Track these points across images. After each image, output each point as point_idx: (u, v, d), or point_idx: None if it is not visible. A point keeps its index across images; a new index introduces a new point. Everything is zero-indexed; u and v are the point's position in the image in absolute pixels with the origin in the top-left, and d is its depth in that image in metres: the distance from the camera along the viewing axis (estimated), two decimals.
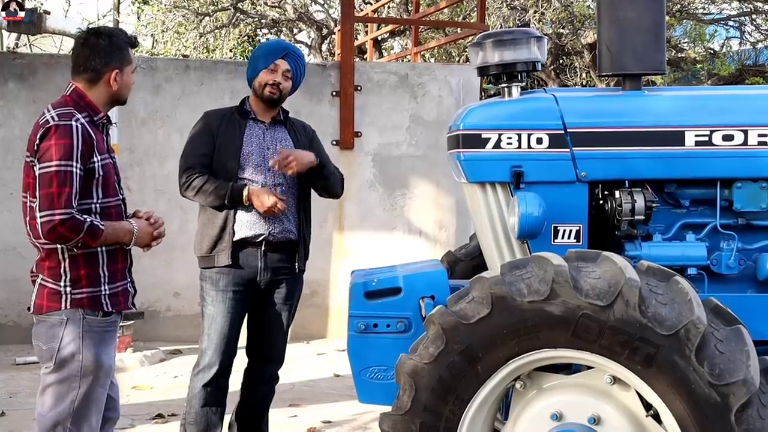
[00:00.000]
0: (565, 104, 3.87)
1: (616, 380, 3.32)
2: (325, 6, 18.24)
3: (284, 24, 18.42)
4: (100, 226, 3.61)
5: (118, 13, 20.94)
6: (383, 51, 17.09)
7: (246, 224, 4.65)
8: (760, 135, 3.83)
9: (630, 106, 3.94)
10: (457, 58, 16.63)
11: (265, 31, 19.54)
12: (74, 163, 3.57)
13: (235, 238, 4.63)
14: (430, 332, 3.35)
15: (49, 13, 7.76)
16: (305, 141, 4.93)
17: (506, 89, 3.95)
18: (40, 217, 3.55)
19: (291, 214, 4.74)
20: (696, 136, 3.82)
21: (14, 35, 15.95)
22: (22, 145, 8.23)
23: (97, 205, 3.70)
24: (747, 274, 3.94)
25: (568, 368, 3.50)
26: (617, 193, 3.82)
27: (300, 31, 19.04)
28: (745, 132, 3.83)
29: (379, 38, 15.73)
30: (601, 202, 3.92)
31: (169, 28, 17.95)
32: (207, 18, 17.46)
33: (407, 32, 15.51)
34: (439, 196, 8.81)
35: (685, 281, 3.25)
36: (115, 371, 3.93)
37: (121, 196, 3.85)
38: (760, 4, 15.11)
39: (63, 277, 3.65)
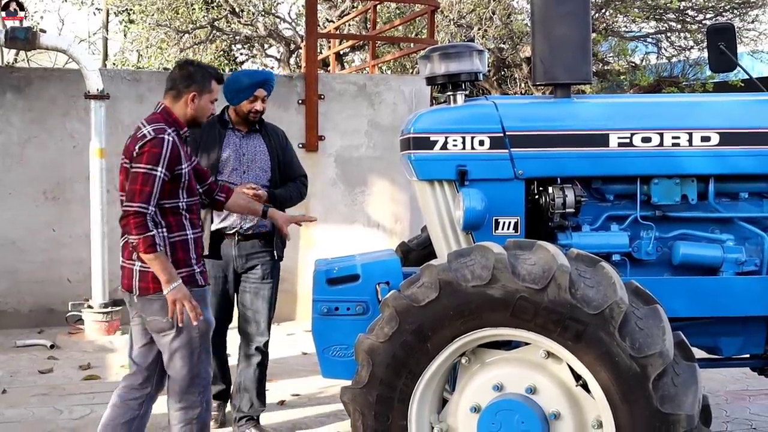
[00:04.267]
0: (503, 110, 3.87)
1: (549, 354, 3.33)
2: (293, 24, 18.16)
3: (256, 40, 18.29)
4: (157, 247, 3.75)
5: (107, 31, 20.71)
6: (344, 64, 17.04)
7: (221, 218, 4.89)
8: (673, 137, 3.86)
9: (561, 112, 3.95)
10: (410, 70, 16.62)
11: (239, 46, 19.39)
12: (160, 169, 3.79)
13: (212, 228, 4.81)
14: (385, 314, 3.34)
15: (44, 31, 7.61)
16: (278, 146, 5.10)
17: (452, 97, 3.95)
18: (123, 205, 3.81)
19: None
20: (619, 138, 3.85)
21: (13, 51, 15.70)
22: (19, 150, 8.19)
23: (183, 204, 3.95)
24: (663, 260, 3.99)
25: (508, 344, 3.50)
26: (550, 189, 3.84)
27: (270, 46, 18.91)
28: (661, 135, 3.86)
29: (341, 52, 15.68)
30: (536, 197, 3.94)
31: (152, 44, 17.80)
32: (187, 35, 17.31)
33: (366, 47, 15.48)
34: (394, 192, 8.79)
35: (609, 266, 3.26)
36: None
37: (198, 197, 4.12)
38: (673, 24, 15.27)
39: None
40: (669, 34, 15.68)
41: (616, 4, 14.19)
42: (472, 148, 3.82)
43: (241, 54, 19.84)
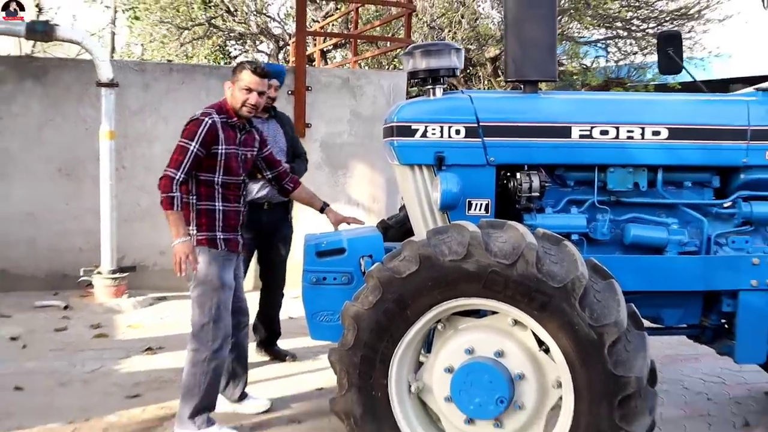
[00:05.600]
0: (478, 103, 3.82)
1: (516, 322, 3.30)
2: (281, 23, 17.96)
3: (249, 37, 18.06)
4: (173, 207, 3.92)
5: (114, 25, 20.36)
6: (327, 60, 16.88)
7: (253, 191, 5.17)
8: (628, 131, 3.84)
9: (529, 106, 3.90)
10: (387, 66, 16.51)
11: (233, 42, 19.14)
12: (194, 144, 3.97)
13: (248, 199, 4.75)
14: (370, 284, 3.30)
15: (59, 25, 7.45)
16: (290, 130, 5.55)
17: (431, 90, 3.89)
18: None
19: None
20: (580, 130, 3.81)
21: (30, 42, 15.39)
22: (37, 132, 8.07)
23: (219, 179, 4.09)
24: (616, 240, 3.97)
25: (477, 313, 3.47)
26: (518, 175, 3.81)
27: (261, 42, 18.69)
28: (617, 128, 3.83)
29: (325, 49, 15.53)
30: (505, 181, 3.90)
31: (155, 38, 17.55)
32: (186, 31, 17.07)
33: (347, 45, 15.34)
34: (373, 175, 8.73)
35: (572, 245, 3.23)
36: (242, 290, 4.45)
37: (241, 177, 4.20)
38: (621, 32, 15.26)
39: (192, 224, 4.07)
40: (617, 41, 15.66)
41: (571, 12, 14.15)
42: (449, 136, 3.77)
43: (235, 49, 19.57)
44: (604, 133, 3.82)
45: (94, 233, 7.59)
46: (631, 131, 3.83)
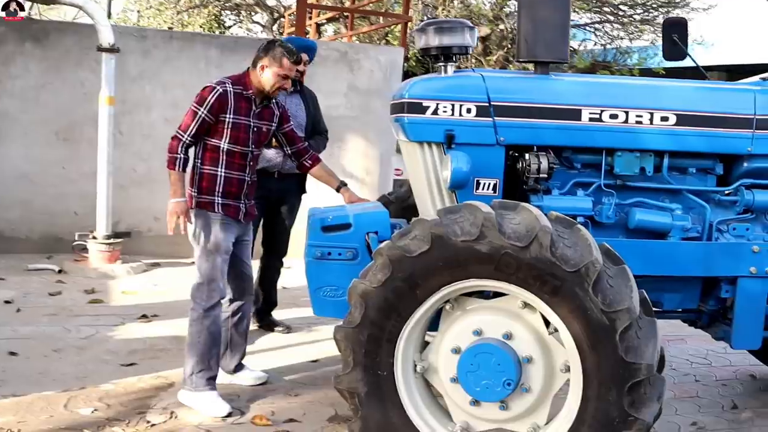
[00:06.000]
0: (490, 82, 3.65)
1: (526, 305, 3.17)
2: None
3: (244, 8, 17.76)
4: (176, 167, 4.00)
5: None
6: (321, 34, 16.61)
7: (265, 159, 4.97)
8: (637, 116, 3.69)
9: (540, 87, 3.72)
10: (378, 42, 16.27)
11: (228, 12, 18.80)
12: (202, 109, 4.00)
13: (257, 167, 4.52)
14: (379, 262, 3.13)
15: None
16: (313, 106, 5.43)
17: (443, 68, 3.71)
18: None
19: None
20: (590, 113, 3.66)
21: (28, 4, 14.99)
22: (35, 94, 7.82)
23: (224, 146, 4.07)
24: (620, 223, 3.84)
25: (481, 293, 3.32)
26: (527, 156, 3.65)
27: (256, 13, 18.39)
28: (627, 113, 3.68)
29: (318, 23, 15.26)
30: (513, 162, 3.75)
31: (152, 5, 17.18)
32: None
33: (340, 20, 15.08)
34: (367, 148, 8.56)
35: (585, 229, 3.09)
36: (249, 257, 4.36)
37: (249, 148, 4.13)
38: (609, 16, 15.12)
39: (193, 186, 4.09)
40: (604, 25, 15.51)
41: None
42: (460, 114, 3.60)
43: (230, 19, 19.25)
44: (613, 117, 3.67)
45: (90, 197, 7.36)
46: (640, 116, 3.69)
